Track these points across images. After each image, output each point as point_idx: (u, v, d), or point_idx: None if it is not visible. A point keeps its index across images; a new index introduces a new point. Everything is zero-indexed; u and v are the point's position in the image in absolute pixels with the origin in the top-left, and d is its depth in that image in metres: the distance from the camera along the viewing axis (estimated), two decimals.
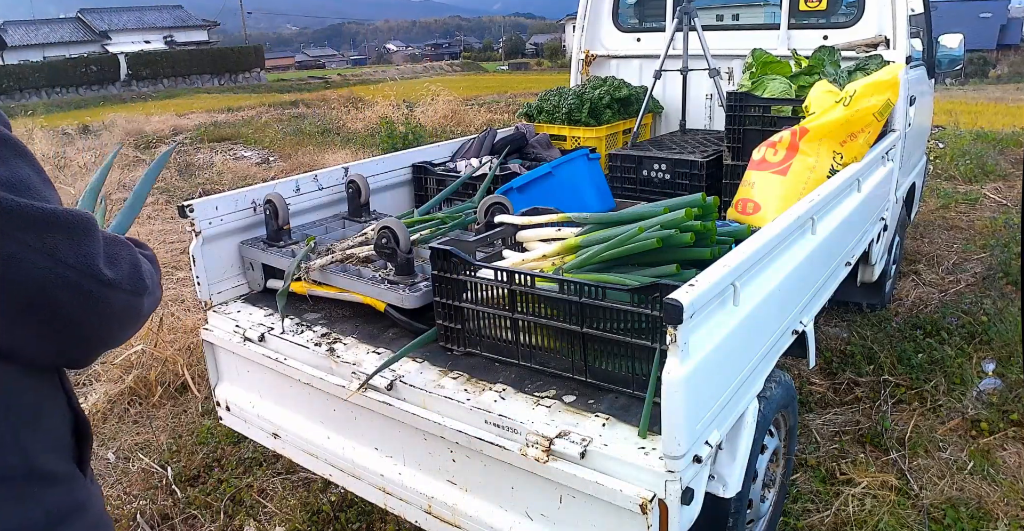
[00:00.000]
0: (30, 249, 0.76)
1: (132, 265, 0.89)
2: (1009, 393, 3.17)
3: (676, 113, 4.17)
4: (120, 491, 2.82)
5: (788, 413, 2.24)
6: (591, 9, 4.35)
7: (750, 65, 3.39)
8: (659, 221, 1.87)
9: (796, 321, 2.11)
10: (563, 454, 1.59)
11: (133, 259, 0.90)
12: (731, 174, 3.23)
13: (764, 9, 4.33)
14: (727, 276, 1.59)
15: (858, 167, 2.68)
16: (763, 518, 2.24)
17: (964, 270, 4.83)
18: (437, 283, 2.00)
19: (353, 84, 29.47)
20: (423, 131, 10.68)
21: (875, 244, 3.30)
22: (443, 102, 13.86)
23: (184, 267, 5.41)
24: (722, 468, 1.71)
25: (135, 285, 0.88)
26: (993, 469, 2.74)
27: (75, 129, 13.75)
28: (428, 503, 1.90)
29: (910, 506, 2.58)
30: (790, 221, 1.98)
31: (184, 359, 3.67)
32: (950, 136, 9.55)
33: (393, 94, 14.98)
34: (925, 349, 3.59)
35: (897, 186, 3.52)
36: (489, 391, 1.82)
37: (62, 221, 0.79)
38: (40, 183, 0.81)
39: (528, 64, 53.65)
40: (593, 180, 3.13)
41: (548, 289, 1.81)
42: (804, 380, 3.40)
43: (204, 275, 2.41)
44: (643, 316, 1.67)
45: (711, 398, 1.56)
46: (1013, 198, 6.64)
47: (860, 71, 3.21)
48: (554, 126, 3.94)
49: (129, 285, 0.87)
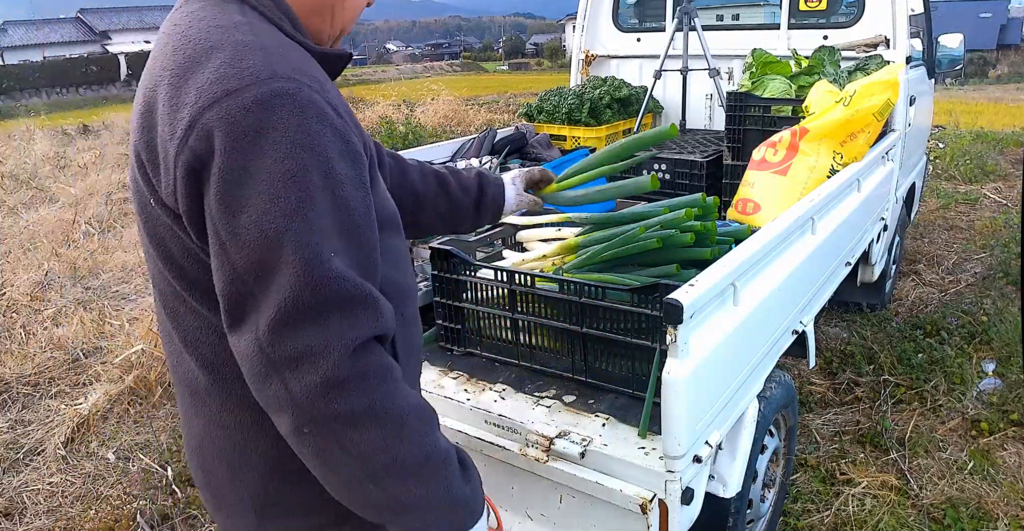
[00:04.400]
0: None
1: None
2: (1009, 393, 3.17)
3: (676, 113, 4.17)
4: (120, 491, 2.82)
5: (788, 413, 2.24)
6: (591, 9, 4.35)
7: (750, 65, 3.39)
8: (659, 221, 1.87)
9: (796, 321, 2.11)
10: (563, 454, 1.59)
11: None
12: (731, 174, 3.23)
13: (764, 9, 4.33)
14: (727, 276, 1.59)
15: (858, 167, 2.68)
16: (763, 518, 2.24)
17: (964, 270, 4.83)
18: (437, 283, 2.00)
19: (353, 84, 29.50)
20: (423, 131, 10.68)
21: (875, 244, 3.30)
22: (443, 102, 13.87)
23: None
24: (722, 468, 1.71)
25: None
26: (993, 469, 2.74)
27: (75, 129, 13.74)
28: None
29: (910, 506, 2.58)
30: (790, 221, 1.98)
31: None
32: (950, 136, 9.55)
33: (393, 94, 14.98)
34: (925, 349, 3.59)
35: (897, 186, 3.52)
36: (489, 391, 1.82)
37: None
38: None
39: (528, 64, 53.62)
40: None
41: (548, 289, 1.81)
42: (804, 380, 3.40)
43: None
44: (643, 316, 1.67)
45: (711, 398, 1.56)
46: (1013, 198, 6.63)
47: (860, 71, 3.21)
48: (554, 126, 3.94)
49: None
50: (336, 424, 0.87)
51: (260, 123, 0.83)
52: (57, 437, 3.22)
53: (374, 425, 0.89)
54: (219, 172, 0.83)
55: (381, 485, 0.92)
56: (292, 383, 0.86)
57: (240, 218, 0.84)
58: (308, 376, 0.85)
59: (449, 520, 1.00)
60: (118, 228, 6.80)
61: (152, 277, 1.05)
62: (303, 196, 0.84)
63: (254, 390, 0.90)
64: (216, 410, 1.03)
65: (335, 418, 0.87)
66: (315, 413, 0.87)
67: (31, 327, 4.36)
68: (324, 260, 0.86)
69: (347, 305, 0.87)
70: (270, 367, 0.86)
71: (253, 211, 0.83)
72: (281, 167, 0.83)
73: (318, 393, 0.86)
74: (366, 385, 0.88)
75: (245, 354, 0.88)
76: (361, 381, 0.88)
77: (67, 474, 2.99)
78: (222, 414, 1.03)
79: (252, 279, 0.86)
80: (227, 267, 0.86)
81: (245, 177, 0.83)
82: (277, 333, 0.85)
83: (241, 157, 0.83)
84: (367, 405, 0.88)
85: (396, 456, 0.91)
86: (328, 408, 0.86)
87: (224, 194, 0.84)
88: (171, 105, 0.87)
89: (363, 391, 0.88)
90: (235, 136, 0.83)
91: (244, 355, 0.88)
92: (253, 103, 0.83)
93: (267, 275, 0.85)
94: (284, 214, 0.84)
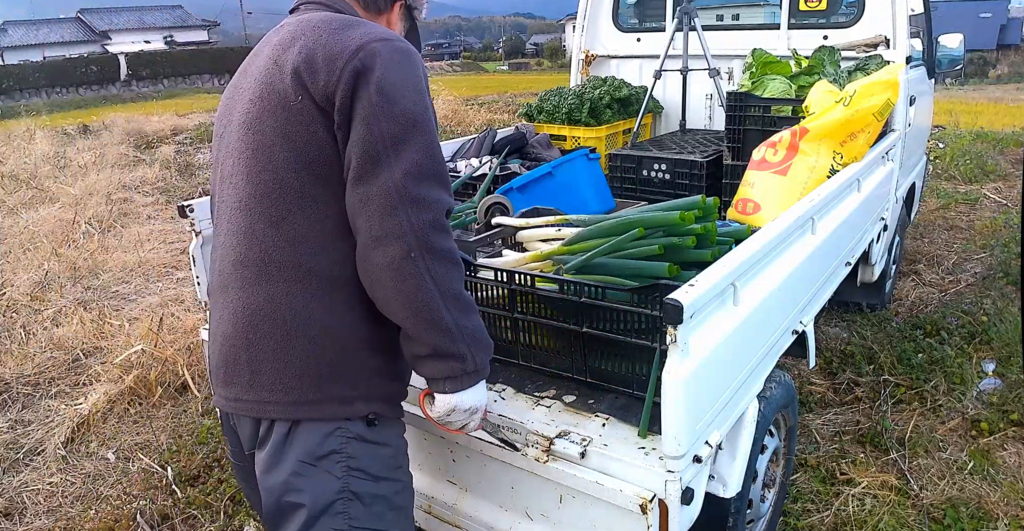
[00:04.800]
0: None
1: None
2: (1009, 393, 3.17)
3: (676, 113, 4.17)
4: (120, 491, 2.82)
5: (788, 413, 2.24)
6: (591, 9, 4.35)
7: (750, 65, 3.39)
8: (661, 222, 1.86)
9: (796, 321, 2.11)
10: (563, 454, 1.59)
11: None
12: (731, 174, 3.23)
13: (764, 9, 4.33)
14: (727, 276, 1.59)
15: (858, 167, 2.68)
16: (763, 518, 2.24)
17: (964, 270, 4.83)
18: None
19: None
20: None
21: (875, 244, 3.30)
22: (443, 102, 13.87)
23: (184, 267, 5.42)
24: (722, 468, 1.71)
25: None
26: (993, 469, 2.74)
27: (75, 129, 13.74)
28: (428, 503, 1.90)
29: (910, 506, 2.58)
30: (790, 221, 1.98)
31: (184, 359, 3.67)
32: (950, 136, 9.55)
33: None
34: (925, 349, 3.59)
35: (897, 186, 3.52)
36: (489, 391, 1.82)
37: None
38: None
39: (528, 64, 53.65)
40: (593, 180, 3.13)
41: (548, 289, 1.81)
42: (804, 380, 3.40)
43: (204, 275, 2.41)
44: (643, 316, 1.67)
45: (711, 398, 1.56)
46: (1013, 198, 6.63)
47: (860, 71, 3.21)
48: (554, 126, 3.94)
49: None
50: (433, 255, 1.27)
51: (403, 56, 1.32)
52: (57, 437, 3.22)
53: (452, 264, 1.31)
54: (381, 77, 1.26)
55: (450, 309, 1.30)
56: (414, 217, 1.25)
57: (395, 106, 1.26)
58: (425, 215, 1.26)
59: (484, 355, 1.38)
60: (118, 228, 6.80)
61: (245, 176, 1.36)
62: (427, 103, 1.34)
63: (375, 223, 1.25)
64: (289, 280, 1.32)
65: (434, 250, 1.27)
66: (423, 243, 1.25)
67: (31, 327, 4.35)
68: (438, 145, 1.32)
69: (446, 181, 1.33)
70: (400, 203, 1.24)
71: (405, 102, 1.28)
72: (417, 84, 1.32)
73: (430, 228, 1.26)
74: (450, 235, 1.32)
75: (375, 195, 1.25)
76: (449, 232, 1.32)
77: (67, 474, 2.98)
78: (293, 284, 1.32)
79: (387, 146, 1.25)
80: (369, 137, 1.25)
81: (399, 83, 1.28)
82: (411, 179, 1.25)
83: (395, 71, 1.28)
84: (452, 248, 1.31)
85: (461, 290, 1.33)
86: (433, 241, 1.27)
87: (385, 89, 1.26)
88: (337, 37, 1.30)
89: (450, 238, 1.31)
90: (390, 59, 1.29)
91: (373, 196, 1.25)
92: (397, 45, 1.33)
93: (400, 145, 1.26)
94: (423, 109, 1.31)
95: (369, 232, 1.25)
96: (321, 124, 1.28)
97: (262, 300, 1.34)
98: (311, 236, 1.31)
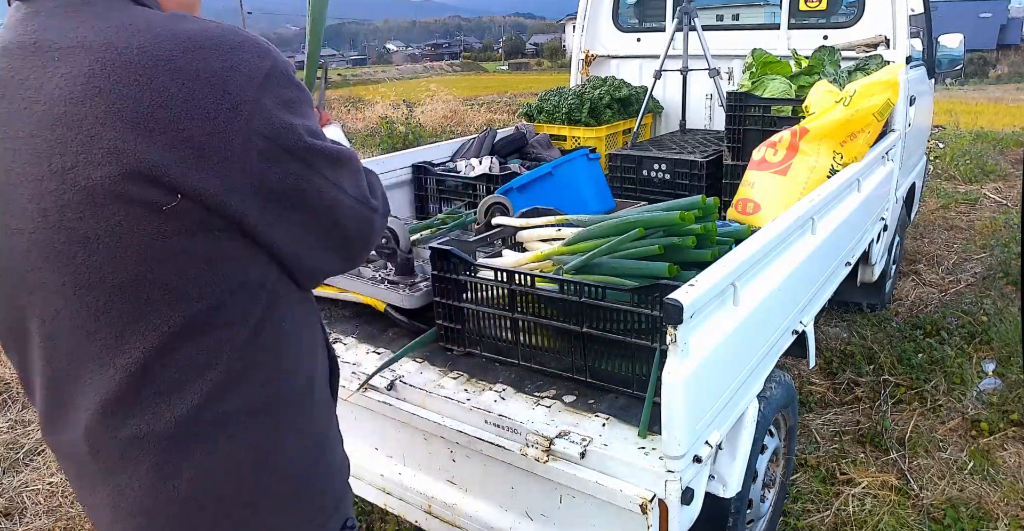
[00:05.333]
0: (327, 182, 0.93)
1: (383, 193, 1.08)
2: (1009, 393, 3.17)
3: (676, 113, 4.17)
4: None
5: (788, 413, 2.24)
6: (591, 9, 4.35)
7: (750, 65, 3.39)
8: (661, 222, 1.87)
9: (796, 321, 2.11)
10: (563, 454, 1.59)
11: (382, 187, 1.09)
12: (731, 174, 3.23)
13: (764, 9, 4.33)
14: (727, 276, 1.59)
15: (858, 167, 2.68)
16: (763, 518, 2.24)
17: (964, 270, 4.83)
18: (437, 283, 2.00)
19: (353, 84, 29.51)
20: (423, 131, 10.69)
21: (875, 244, 3.30)
22: (443, 102, 13.86)
23: None
24: (722, 468, 1.71)
25: (385, 209, 1.07)
26: (993, 469, 2.74)
27: None
28: (428, 503, 1.90)
29: (910, 506, 2.58)
30: (790, 221, 1.98)
31: None
32: (950, 136, 9.55)
33: (393, 94, 14.98)
34: (925, 349, 3.59)
35: (897, 186, 3.52)
36: (489, 391, 1.82)
37: (345, 158, 0.96)
38: (320, 129, 0.98)
39: (528, 64, 53.68)
40: (593, 180, 3.13)
41: (548, 289, 1.81)
42: (804, 380, 3.40)
43: None
44: (643, 316, 1.67)
45: (711, 398, 1.56)
46: (1013, 198, 6.64)
47: (860, 71, 3.21)
48: (554, 126, 3.94)
49: (383, 209, 1.06)
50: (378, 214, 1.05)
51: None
52: None
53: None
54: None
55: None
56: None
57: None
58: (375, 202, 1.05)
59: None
60: None
61: (88, 335, 0.86)
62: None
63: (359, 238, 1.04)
64: (218, 446, 0.92)
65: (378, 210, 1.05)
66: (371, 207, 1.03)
67: None
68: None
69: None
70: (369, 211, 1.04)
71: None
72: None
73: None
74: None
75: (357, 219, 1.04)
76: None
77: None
78: (228, 446, 0.93)
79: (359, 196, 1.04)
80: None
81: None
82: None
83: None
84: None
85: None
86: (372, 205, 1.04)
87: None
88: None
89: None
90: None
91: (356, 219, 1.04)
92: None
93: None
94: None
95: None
96: (219, 223, 1.07)
97: (184, 488, 0.98)
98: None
